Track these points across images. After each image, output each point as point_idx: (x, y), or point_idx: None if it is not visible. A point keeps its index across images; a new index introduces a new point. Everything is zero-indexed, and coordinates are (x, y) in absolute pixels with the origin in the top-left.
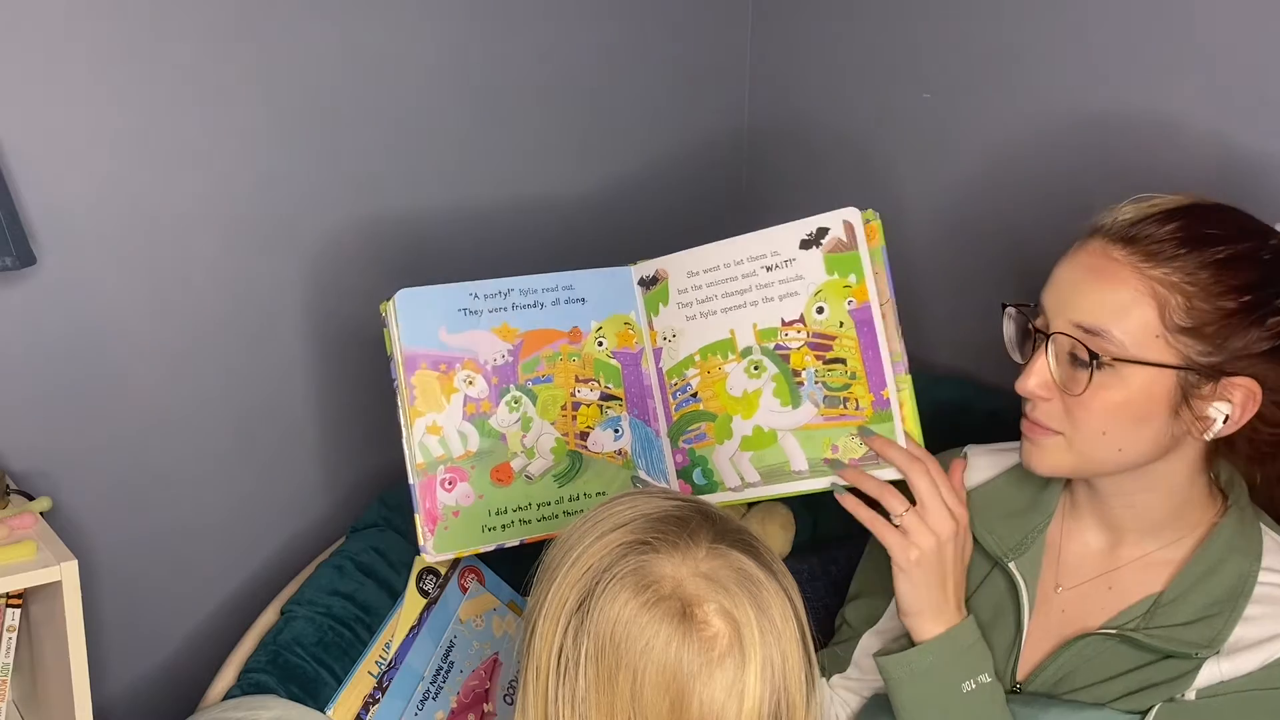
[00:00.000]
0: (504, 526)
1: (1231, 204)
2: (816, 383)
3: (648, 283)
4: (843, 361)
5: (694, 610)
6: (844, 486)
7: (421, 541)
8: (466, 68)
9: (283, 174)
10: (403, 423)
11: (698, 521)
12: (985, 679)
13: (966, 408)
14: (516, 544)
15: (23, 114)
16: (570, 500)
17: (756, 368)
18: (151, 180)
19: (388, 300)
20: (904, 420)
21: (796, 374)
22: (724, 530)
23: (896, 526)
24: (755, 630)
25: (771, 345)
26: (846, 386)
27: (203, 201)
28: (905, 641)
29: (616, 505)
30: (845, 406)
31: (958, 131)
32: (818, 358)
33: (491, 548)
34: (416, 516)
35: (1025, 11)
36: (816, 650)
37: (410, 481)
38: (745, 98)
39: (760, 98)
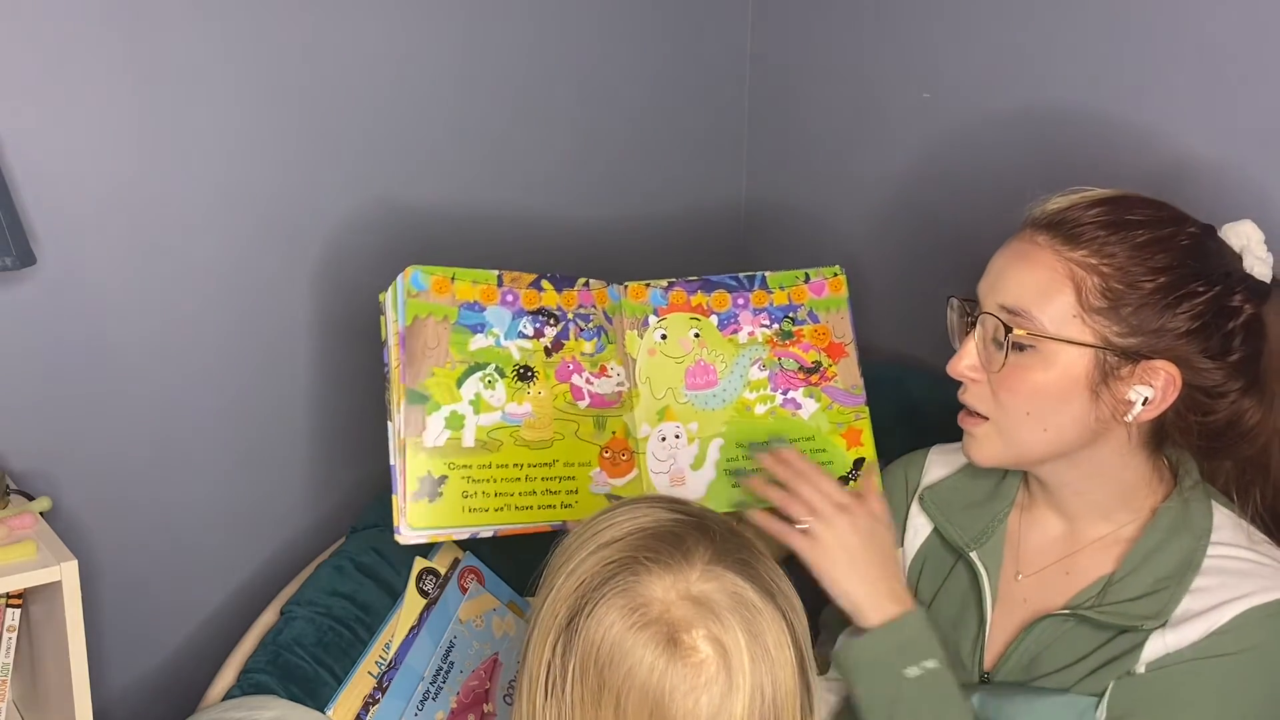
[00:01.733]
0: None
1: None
2: None
3: None
4: None
5: (681, 636)
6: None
7: (396, 521)
8: (471, 68)
9: (284, 175)
10: (390, 403)
11: (695, 539)
12: (930, 664)
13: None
14: (490, 534)
15: (23, 114)
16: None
17: None
18: (151, 180)
19: (384, 291)
20: (861, 446)
21: None
22: (723, 550)
23: (803, 533)
24: (745, 657)
25: None
26: None
27: (203, 201)
28: (855, 630)
29: (616, 515)
30: None
31: (954, 132)
32: None
33: (466, 534)
34: (395, 497)
35: (999, 17)
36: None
37: (391, 463)
38: (745, 96)
39: (759, 96)
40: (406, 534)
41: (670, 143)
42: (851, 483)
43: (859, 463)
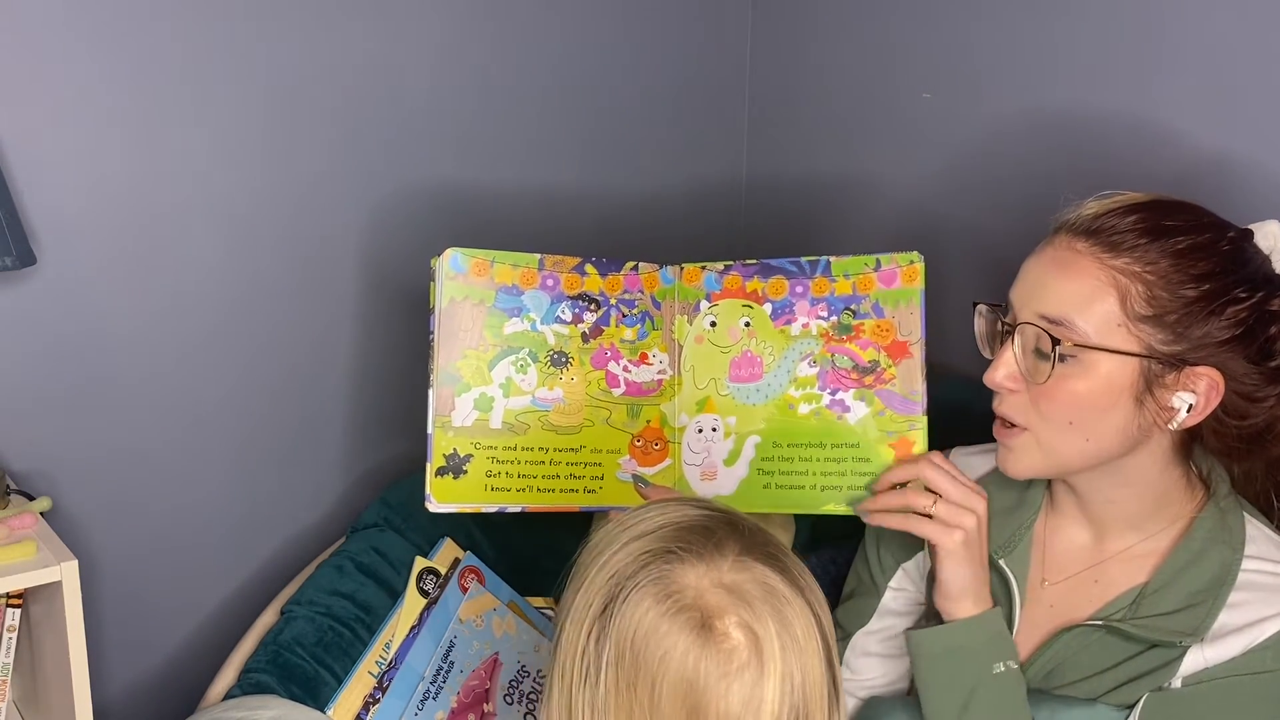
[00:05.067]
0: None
1: (1196, 202)
2: None
3: None
4: None
5: (714, 622)
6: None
7: (426, 490)
8: (473, 62)
9: (283, 173)
10: (430, 371)
11: (725, 533)
12: (1013, 665)
13: (966, 408)
14: (519, 510)
15: (22, 114)
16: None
17: None
18: (151, 179)
19: (436, 257)
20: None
21: None
22: (752, 543)
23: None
24: (775, 645)
25: None
26: None
27: (202, 200)
28: (937, 621)
29: (646, 512)
30: None
31: (949, 131)
32: None
33: (492, 509)
34: (428, 465)
35: (997, 15)
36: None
37: (429, 431)
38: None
39: (759, 101)
40: (433, 505)
41: (672, 124)
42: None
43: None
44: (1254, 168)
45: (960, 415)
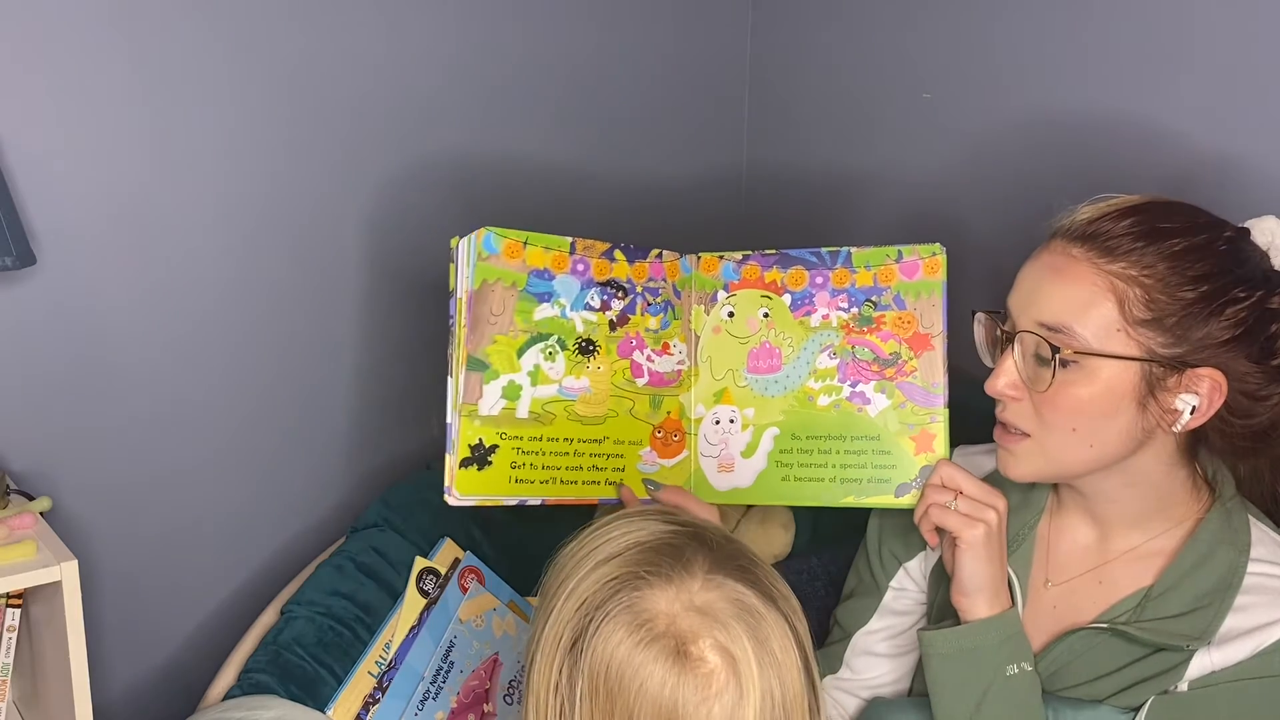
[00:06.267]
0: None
1: (1192, 203)
2: None
3: None
4: None
5: (689, 647)
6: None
7: (447, 482)
8: (477, 53)
9: (283, 173)
10: (451, 359)
11: (693, 550)
12: (1026, 667)
13: (967, 408)
14: (538, 503)
15: (23, 114)
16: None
17: None
18: (152, 178)
19: (458, 237)
20: (932, 453)
21: None
22: (721, 558)
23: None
24: (753, 664)
25: None
26: None
27: (202, 200)
28: (951, 622)
29: (611, 530)
30: None
31: (949, 129)
32: None
33: (513, 502)
34: (448, 457)
35: (996, 17)
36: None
37: (448, 420)
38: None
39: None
40: (455, 498)
41: (672, 114)
42: (913, 492)
43: (926, 471)
44: (1256, 168)
45: (961, 414)
